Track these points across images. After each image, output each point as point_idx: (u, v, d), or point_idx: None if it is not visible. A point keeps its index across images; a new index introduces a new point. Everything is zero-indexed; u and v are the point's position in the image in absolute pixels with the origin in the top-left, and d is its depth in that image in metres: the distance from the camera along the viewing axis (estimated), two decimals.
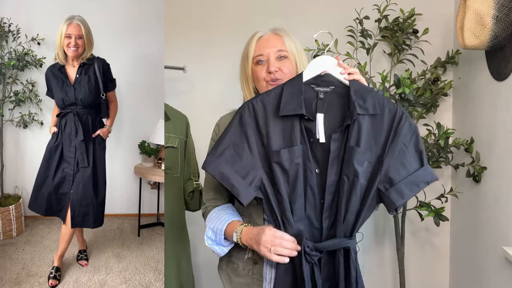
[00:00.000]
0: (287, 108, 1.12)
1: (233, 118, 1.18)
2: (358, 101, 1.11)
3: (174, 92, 2.34)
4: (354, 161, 1.08)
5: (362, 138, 1.10)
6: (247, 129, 1.15)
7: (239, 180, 1.12)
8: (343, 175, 1.10)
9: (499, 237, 1.71)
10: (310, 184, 1.13)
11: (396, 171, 1.10)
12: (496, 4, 1.58)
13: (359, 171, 1.08)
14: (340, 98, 1.15)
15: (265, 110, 1.15)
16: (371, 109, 1.11)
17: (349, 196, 1.10)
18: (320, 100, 1.15)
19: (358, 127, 1.10)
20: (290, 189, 1.12)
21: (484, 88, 1.86)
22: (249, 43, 1.30)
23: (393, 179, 1.09)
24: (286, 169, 1.11)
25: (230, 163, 1.13)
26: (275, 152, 1.12)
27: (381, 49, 2.21)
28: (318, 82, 1.17)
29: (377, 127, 1.12)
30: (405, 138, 1.11)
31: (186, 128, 2.03)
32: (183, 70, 2.22)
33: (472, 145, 1.95)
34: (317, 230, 1.14)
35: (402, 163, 1.10)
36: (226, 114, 1.41)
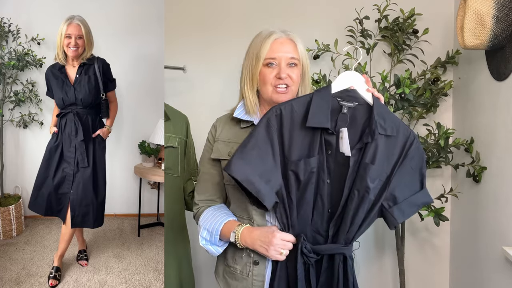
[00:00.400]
0: (314, 120, 1.15)
1: (260, 121, 1.19)
2: (380, 121, 1.15)
3: (174, 92, 2.35)
4: (367, 178, 1.13)
5: (377, 156, 1.15)
6: (273, 133, 1.18)
7: (263, 185, 1.15)
8: (355, 189, 1.15)
9: (499, 237, 1.71)
10: (320, 193, 1.17)
11: (401, 191, 1.17)
12: (496, 4, 1.58)
13: (370, 188, 1.14)
14: (362, 115, 1.19)
15: (291, 117, 1.18)
16: (389, 130, 1.16)
17: (356, 210, 1.15)
18: (343, 114, 1.18)
19: (375, 145, 1.15)
20: (299, 195, 1.17)
21: (484, 88, 1.86)
22: (262, 43, 1.25)
23: (398, 198, 1.17)
24: (300, 178, 1.15)
25: (254, 167, 1.15)
26: (293, 162, 1.15)
27: (381, 49, 2.21)
28: (344, 96, 1.20)
29: (391, 148, 1.17)
30: (413, 161, 1.18)
31: (186, 128, 2.03)
32: (183, 70, 2.22)
33: (472, 145, 1.95)
34: (321, 236, 1.20)
35: (407, 184, 1.18)
36: (222, 116, 1.40)
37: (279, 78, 1.23)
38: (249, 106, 1.28)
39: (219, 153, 1.31)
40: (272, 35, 1.25)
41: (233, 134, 1.31)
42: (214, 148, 1.32)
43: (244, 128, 1.31)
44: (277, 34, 1.26)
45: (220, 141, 1.32)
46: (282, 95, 1.24)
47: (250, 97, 1.28)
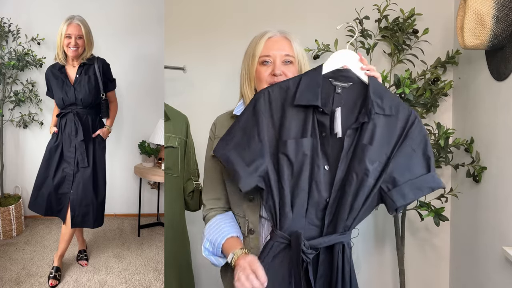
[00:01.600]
0: (302, 98, 1.11)
1: (248, 104, 1.17)
2: (376, 100, 1.10)
3: (174, 92, 2.34)
4: (366, 159, 1.07)
5: (375, 137, 1.09)
6: (259, 116, 1.13)
7: (243, 166, 1.11)
8: (352, 173, 1.08)
9: (499, 237, 1.71)
10: (315, 179, 1.10)
11: (400, 172, 1.10)
12: (496, 4, 1.58)
13: (370, 170, 1.07)
14: (357, 94, 1.14)
15: (280, 98, 1.14)
16: (387, 109, 1.11)
17: (355, 194, 1.09)
18: (337, 94, 1.14)
19: (373, 125, 1.09)
20: (293, 182, 1.10)
21: (484, 88, 1.86)
22: (257, 42, 1.28)
23: (397, 180, 1.09)
24: (291, 161, 1.09)
25: (237, 149, 1.13)
26: (282, 142, 1.11)
27: (381, 49, 2.21)
28: (337, 76, 1.15)
29: (390, 128, 1.11)
30: (414, 142, 1.11)
31: (186, 128, 2.03)
32: (183, 70, 2.22)
33: (472, 145, 1.95)
34: (316, 227, 1.12)
35: (407, 166, 1.10)
36: (223, 114, 1.41)
37: (274, 75, 1.24)
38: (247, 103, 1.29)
39: None
40: (266, 33, 1.28)
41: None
42: (214, 145, 1.32)
43: None
44: (272, 32, 1.28)
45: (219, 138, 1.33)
46: None
47: (249, 95, 1.30)
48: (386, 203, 1.11)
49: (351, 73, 1.16)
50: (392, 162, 1.10)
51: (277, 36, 1.28)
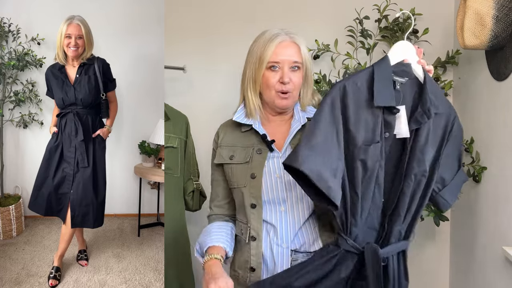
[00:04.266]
0: (380, 97, 1.01)
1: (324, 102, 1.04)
2: (432, 99, 1.05)
3: (174, 92, 2.34)
4: (426, 161, 1.03)
5: (430, 136, 1.05)
6: (337, 115, 1.02)
7: (333, 179, 0.99)
8: (411, 174, 1.03)
9: (499, 237, 1.71)
10: (379, 182, 1.04)
11: (447, 172, 1.10)
12: (496, 4, 1.58)
13: (428, 171, 1.04)
14: (412, 91, 1.07)
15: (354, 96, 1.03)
16: (441, 108, 1.07)
17: (413, 196, 1.05)
18: (396, 91, 1.05)
19: (428, 125, 1.04)
20: (363, 188, 1.03)
21: (484, 88, 1.86)
22: (266, 46, 1.21)
23: (446, 180, 1.09)
24: (367, 167, 1.01)
25: (322, 159, 0.98)
26: (362, 148, 1.01)
27: (381, 49, 2.20)
28: (398, 71, 1.07)
29: (437, 126, 1.07)
30: (456, 140, 1.11)
31: (186, 128, 2.03)
32: (183, 70, 2.22)
33: (472, 145, 1.95)
34: (375, 231, 1.08)
35: (451, 165, 1.11)
36: (226, 122, 1.39)
37: (282, 83, 1.22)
38: (251, 109, 1.27)
39: (222, 158, 1.31)
40: (276, 38, 1.22)
41: (234, 138, 1.32)
42: (217, 154, 1.33)
43: (245, 131, 1.31)
44: (282, 36, 1.23)
45: (222, 146, 1.33)
46: (284, 100, 1.24)
47: (253, 100, 1.27)
48: (438, 203, 1.10)
49: (410, 68, 1.09)
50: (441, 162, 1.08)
51: (286, 41, 1.23)
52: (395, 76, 1.06)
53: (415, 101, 1.06)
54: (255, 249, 1.23)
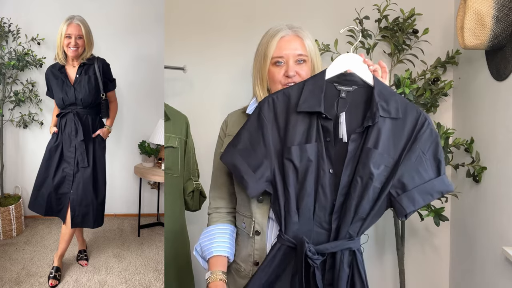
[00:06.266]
0: (305, 104, 1.12)
1: (253, 112, 1.19)
2: (381, 103, 1.09)
3: (174, 92, 2.35)
4: (370, 163, 1.06)
5: (380, 140, 1.08)
6: (264, 123, 1.15)
7: (250, 173, 1.13)
8: (357, 177, 1.08)
9: (499, 237, 1.71)
10: (321, 183, 1.10)
11: (410, 177, 1.08)
12: (496, 4, 1.58)
13: (374, 174, 1.06)
14: (362, 98, 1.13)
15: (285, 105, 1.15)
16: (393, 112, 1.09)
17: (360, 198, 1.08)
18: (341, 99, 1.13)
19: (378, 129, 1.08)
20: (298, 187, 1.11)
21: (484, 88, 1.86)
22: (269, 42, 1.24)
23: (406, 185, 1.08)
24: (296, 166, 1.10)
25: (243, 155, 1.15)
26: (287, 148, 1.12)
27: (381, 49, 2.21)
28: (341, 81, 1.15)
29: (398, 131, 1.09)
30: (424, 145, 1.09)
31: (186, 128, 2.03)
32: (183, 70, 2.22)
33: (472, 145, 1.95)
34: (325, 231, 1.13)
35: (417, 170, 1.08)
36: (234, 111, 1.39)
37: (288, 76, 1.23)
38: None
39: None
40: (278, 33, 1.24)
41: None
42: (225, 143, 1.32)
43: None
44: (284, 31, 1.24)
45: (230, 136, 1.32)
46: None
47: (261, 95, 1.28)
48: (395, 209, 1.10)
49: (355, 77, 1.14)
50: (401, 167, 1.08)
51: (289, 35, 1.24)
52: (339, 86, 1.14)
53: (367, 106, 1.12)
54: (259, 243, 1.23)
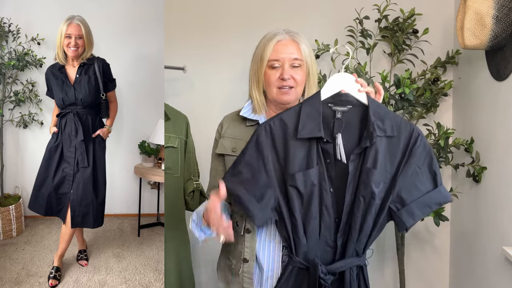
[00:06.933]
0: (305, 130, 1.11)
1: (250, 138, 1.17)
2: (377, 122, 1.10)
3: (174, 92, 2.35)
4: (371, 183, 1.09)
5: (378, 159, 1.10)
6: (263, 149, 1.13)
7: (254, 203, 1.11)
8: (360, 196, 1.11)
9: (499, 237, 1.71)
10: (325, 204, 1.13)
11: (408, 192, 1.11)
12: (496, 4, 1.58)
13: (376, 193, 1.09)
14: (358, 117, 1.14)
15: (282, 130, 1.14)
16: (389, 131, 1.11)
17: (364, 216, 1.11)
18: (337, 119, 1.14)
19: (375, 148, 1.10)
20: (304, 211, 1.13)
21: (484, 88, 1.86)
22: (266, 45, 1.27)
23: (405, 200, 1.11)
24: (301, 192, 1.11)
25: (245, 185, 1.13)
26: (290, 175, 1.11)
27: (381, 49, 2.21)
28: (336, 101, 1.15)
29: (393, 148, 1.12)
30: (419, 159, 1.12)
31: (186, 128, 2.03)
32: (183, 70, 2.22)
33: (472, 145, 1.95)
34: (331, 248, 1.16)
35: (414, 184, 1.12)
36: (230, 114, 1.41)
37: (283, 80, 1.24)
38: (256, 106, 1.31)
39: (224, 148, 1.33)
40: (275, 37, 1.26)
41: (239, 131, 1.34)
42: (219, 144, 1.35)
43: (249, 126, 1.33)
44: (280, 35, 1.27)
45: (225, 137, 1.35)
46: (286, 95, 1.26)
47: (257, 98, 1.31)
48: (396, 223, 1.13)
49: (350, 97, 1.15)
50: (399, 182, 1.11)
51: (285, 39, 1.27)
52: (334, 106, 1.14)
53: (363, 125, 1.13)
54: (249, 241, 1.26)
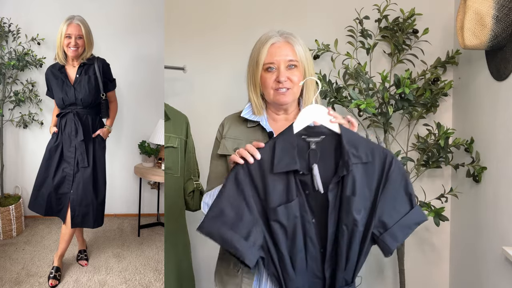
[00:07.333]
0: (281, 164, 1.11)
1: (228, 177, 1.15)
2: (352, 150, 1.11)
3: (174, 92, 2.35)
4: (353, 211, 1.09)
5: (357, 186, 1.10)
6: (243, 187, 1.12)
7: (242, 242, 1.09)
8: (342, 225, 1.11)
9: (499, 237, 1.71)
10: (309, 235, 1.13)
11: (389, 215, 1.12)
12: (496, 4, 1.58)
13: (358, 220, 1.10)
14: (332, 146, 1.15)
15: (259, 166, 1.13)
16: (364, 157, 1.12)
17: (349, 245, 1.12)
18: (312, 150, 1.15)
19: (352, 176, 1.10)
20: (290, 245, 1.13)
21: (484, 88, 1.86)
22: (260, 49, 1.28)
23: (387, 224, 1.12)
24: (284, 226, 1.11)
25: (229, 225, 1.10)
26: (272, 210, 1.11)
27: (381, 49, 2.21)
28: (308, 133, 1.15)
29: (369, 174, 1.13)
30: (395, 183, 1.13)
31: (186, 128, 2.03)
32: (183, 70, 2.22)
33: (472, 145, 1.95)
34: (320, 280, 1.16)
35: (394, 207, 1.13)
36: (231, 115, 1.42)
37: (279, 82, 1.25)
38: (255, 108, 1.32)
39: (226, 149, 1.33)
40: (269, 40, 1.27)
41: (240, 132, 1.34)
42: (221, 145, 1.35)
43: (250, 127, 1.34)
44: (274, 38, 1.28)
45: (227, 138, 1.35)
46: (283, 96, 1.27)
47: (256, 100, 1.32)
48: (380, 247, 1.15)
49: (322, 128, 1.16)
50: (379, 207, 1.12)
51: (279, 42, 1.27)
52: (308, 138, 1.15)
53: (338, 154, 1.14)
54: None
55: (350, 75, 2.10)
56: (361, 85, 2.01)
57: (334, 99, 2.02)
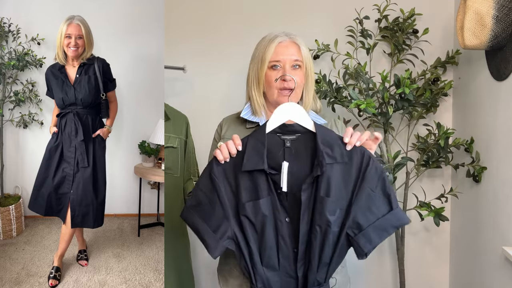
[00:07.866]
0: (249, 162, 1.11)
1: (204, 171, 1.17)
2: (326, 150, 1.10)
3: (174, 92, 2.35)
4: (326, 212, 1.08)
5: (332, 187, 1.09)
6: (217, 183, 1.14)
7: (210, 234, 1.12)
8: (316, 225, 1.10)
9: (499, 237, 1.71)
10: (281, 234, 1.13)
11: (364, 216, 1.09)
12: (496, 4, 1.58)
13: (331, 221, 1.09)
14: (307, 144, 1.14)
15: (233, 162, 1.14)
16: (339, 157, 1.10)
17: (322, 246, 1.10)
18: (287, 148, 1.15)
19: (327, 176, 1.09)
20: (258, 240, 1.13)
21: (484, 88, 1.86)
22: (267, 47, 1.28)
23: (362, 225, 1.09)
24: (252, 221, 1.12)
25: (202, 217, 1.14)
26: (241, 205, 1.12)
27: (381, 49, 2.21)
28: (283, 131, 1.16)
29: (346, 174, 1.11)
30: (372, 182, 1.10)
31: (186, 128, 2.03)
32: (183, 70, 2.22)
33: (472, 145, 1.95)
34: (293, 279, 1.15)
35: (369, 208, 1.10)
36: (230, 115, 1.42)
37: (284, 80, 1.26)
38: (256, 108, 1.32)
39: None
40: (276, 38, 1.28)
41: (239, 132, 1.34)
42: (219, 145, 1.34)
43: (249, 128, 1.34)
44: (281, 37, 1.29)
45: (225, 138, 1.35)
46: (286, 97, 1.27)
47: (257, 99, 1.31)
48: (355, 250, 1.12)
49: (296, 126, 1.16)
50: (354, 207, 1.10)
51: (286, 41, 1.29)
52: (283, 136, 1.15)
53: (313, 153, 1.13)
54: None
55: (350, 75, 2.10)
56: (361, 85, 2.01)
57: (334, 99, 2.03)
